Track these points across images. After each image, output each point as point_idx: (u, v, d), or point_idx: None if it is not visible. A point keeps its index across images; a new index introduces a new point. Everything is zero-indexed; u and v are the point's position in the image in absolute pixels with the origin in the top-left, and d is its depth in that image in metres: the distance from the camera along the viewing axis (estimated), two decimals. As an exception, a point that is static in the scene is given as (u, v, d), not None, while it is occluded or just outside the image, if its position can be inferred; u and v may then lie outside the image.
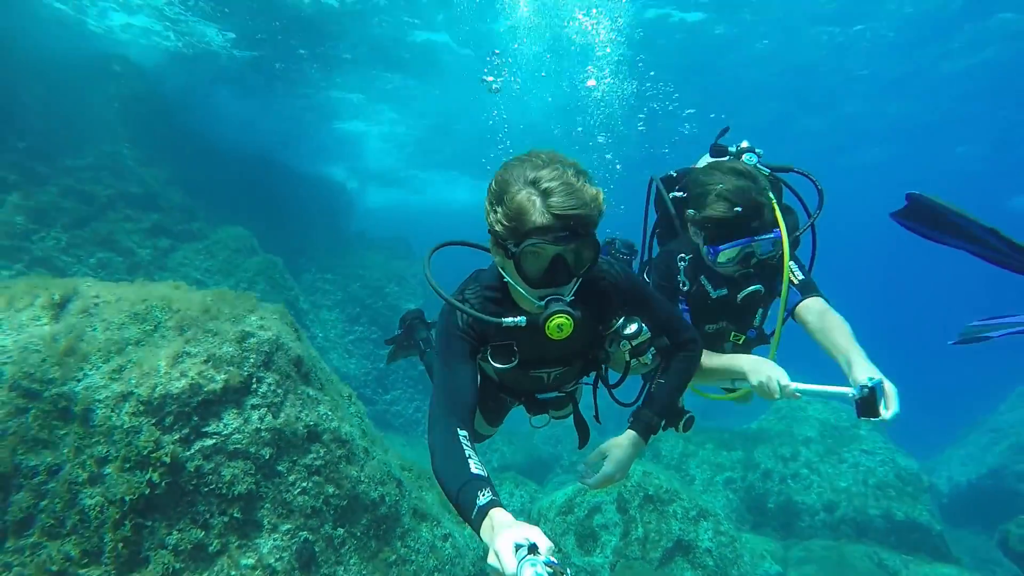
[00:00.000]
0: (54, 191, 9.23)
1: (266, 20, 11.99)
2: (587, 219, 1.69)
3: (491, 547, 1.28)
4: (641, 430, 2.14)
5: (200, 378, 3.39)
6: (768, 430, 10.27)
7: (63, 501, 3.11)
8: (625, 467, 2.11)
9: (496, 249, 1.82)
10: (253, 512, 3.44)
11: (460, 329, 1.93)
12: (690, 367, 2.24)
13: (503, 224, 1.71)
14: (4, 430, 3.20)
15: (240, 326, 3.68)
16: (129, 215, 10.02)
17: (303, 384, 3.88)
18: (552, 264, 1.72)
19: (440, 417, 1.74)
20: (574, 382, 2.34)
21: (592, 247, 1.75)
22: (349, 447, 3.97)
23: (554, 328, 1.70)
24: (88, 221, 9.43)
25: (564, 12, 11.09)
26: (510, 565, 1.19)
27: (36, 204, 8.94)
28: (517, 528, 1.28)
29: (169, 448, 3.21)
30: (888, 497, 8.58)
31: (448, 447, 1.64)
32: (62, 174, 9.48)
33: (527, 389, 2.31)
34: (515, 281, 1.79)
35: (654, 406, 2.17)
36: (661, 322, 2.16)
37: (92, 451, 3.19)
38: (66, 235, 9.06)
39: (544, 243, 1.66)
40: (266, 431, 3.52)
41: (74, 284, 3.94)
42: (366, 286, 14.53)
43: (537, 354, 2.04)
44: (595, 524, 6.44)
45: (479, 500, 1.45)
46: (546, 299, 1.74)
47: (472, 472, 1.54)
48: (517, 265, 1.73)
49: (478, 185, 26.62)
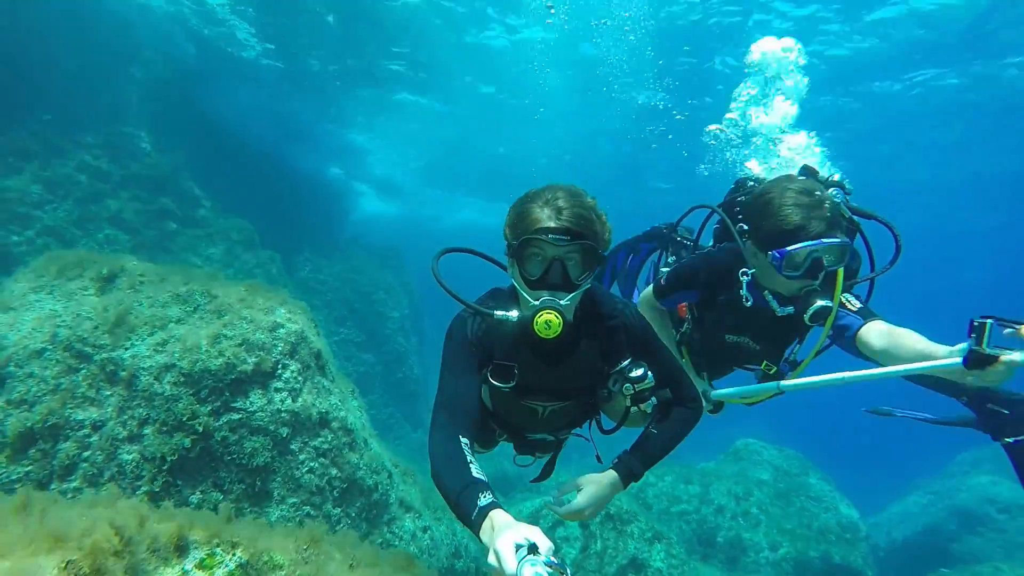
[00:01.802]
0: (71, 165, 9.53)
1: (302, 34, 12.56)
2: (587, 226, 1.76)
3: (491, 547, 1.30)
4: (623, 474, 2.07)
5: (234, 359, 3.83)
6: (725, 469, 10.86)
7: (104, 454, 3.51)
8: (597, 505, 2.04)
9: (508, 258, 1.91)
10: (266, 483, 3.86)
11: (470, 340, 1.96)
12: (686, 426, 2.18)
13: (511, 228, 1.84)
14: (57, 385, 3.61)
15: (272, 316, 4.14)
16: (139, 195, 10.32)
17: (319, 375, 4.34)
18: (550, 265, 1.77)
19: (442, 423, 1.77)
20: (567, 429, 2.34)
21: (591, 255, 1.80)
22: (352, 436, 4.41)
23: (542, 324, 1.73)
24: (101, 197, 9.72)
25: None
26: (510, 565, 1.21)
27: (53, 175, 9.23)
28: (517, 528, 1.31)
29: (203, 418, 3.64)
30: (828, 541, 9.18)
31: (449, 451, 1.66)
32: (81, 149, 9.79)
33: (519, 423, 2.28)
34: (518, 284, 1.85)
35: (640, 454, 2.10)
36: (665, 373, 2.12)
37: (134, 412, 3.60)
38: (78, 209, 9.34)
39: (543, 241, 1.75)
40: (285, 412, 3.97)
41: (121, 262, 4.37)
42: (356, 290, 14.92)
43: (536, 380, 2.03)
44: (557, 536, 6.90)
45: (480, 501, 1.47)
46: (541, 299, 1.79)
47: (473, 476, 1.57)
48: (520, 265, 1.82)
49: (485, 207, 27.15)
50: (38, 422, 3.45)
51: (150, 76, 11.55)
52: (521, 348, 1.96)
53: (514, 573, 1.19)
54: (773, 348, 2.72)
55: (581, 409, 2.24)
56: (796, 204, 2.28)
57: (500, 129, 17.78)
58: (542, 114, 15.88)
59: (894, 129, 16.05)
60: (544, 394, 2.09)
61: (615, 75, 13.42)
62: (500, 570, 1.23)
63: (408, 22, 12.35)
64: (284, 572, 1.90)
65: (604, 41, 12.29)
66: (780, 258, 2.32)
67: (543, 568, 1.18)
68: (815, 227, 2.26)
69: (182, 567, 1.74)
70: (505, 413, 2.25)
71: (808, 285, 2.36)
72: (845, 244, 2.30)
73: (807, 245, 2.26)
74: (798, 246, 2.27)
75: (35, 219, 8.86)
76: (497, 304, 1.97)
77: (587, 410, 2.26)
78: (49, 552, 1.32)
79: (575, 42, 12.71)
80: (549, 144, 18.31)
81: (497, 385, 1.96)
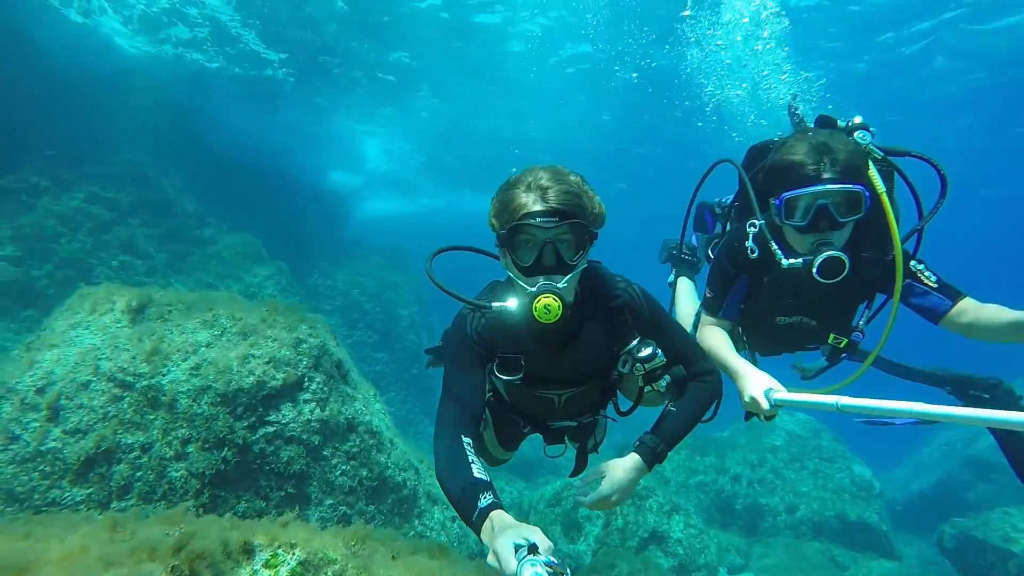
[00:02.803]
0: (81, 197, 9.81)
1: (311, 39, 12.70)
2: (575, 203, 1.74)
3: (491, 547, 1.31)
4: (646, 456, 1.99)
5: (264, 376, 4.12)
6: (739, 438, 11.13)
7: (154, 473, 3.82)
8: (624, 490, 1.97)
9: (499, 249, 1.89)
10: (304, 488, 4.17)
11: (470, 337, 1.94)
12: (706, 399, 2.10)
13: (497, 217, 1.81)
14: (106, 413, 3.91)
15: (294, 333, 4.41)
16: (147, 220, 10.61)
17: (343, 383, 4.62)
18: (543, 250, 1.74)
19: (446, 424, 1.79)
20: (589, 414, 2.27)
21: (583, 234, 1.78)
22: (379, 437, 4.71)
23: (541, 309, 1.70)
24: (111, 226, 10.01)
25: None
26: (510, 565, 1.22)
27: (64, 209, 9.52)
28: (517, 529, 1.32)
29: (240, 433, 3.94)
30: (843, 500, 9.46)
31: (451, 452, 1.68)
32: (87, 181, 10.06)
33: (537, 412, 2.25)
34: (512, 273, 1.83)
35: (663, 434, 2.02)
36: (676, 349, 2.06)
37: (177, 433, 3.90)
38: (91, 239, 9.64)
39: (532, 226, 1.72)
40: (315, 421, 4.26)
41: (148, 293, 4.65)
42: (365, 292, 15.23)
43: (545, 369, 2.00)
44: (579, 515, 7.22)
45: (480, 502, 1.49)
46: (538, 285, 1.76)
47: (474, 476, 1.58)
48: (511, 253, 1.79)
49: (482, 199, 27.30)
50: (92, 448, 3.76)
51: (143, 102, 11.79)
52: (525, 338, 1.93)
53: (514, 573, 1.19)
54: (834, 321, 2.48)
55: (598, 393, 2.20)
56: (805, 148, 2.11)
57: (499, 119, 17.89)
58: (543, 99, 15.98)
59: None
60: (556, 383, 2.06)
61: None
62: (500, 570, 1.24)
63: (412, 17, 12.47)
64: (337, 566, 2.17)
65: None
66: (779, 205, 2.16)
67: (542, 568, 1.18)
68: (818, 170, 2.07)
69: (252, 568, 2.02)
70: (523, 405, 2.22)
71: (822, 239, 2.14)
72: (855, 191, 2.07)
73: (808, 191, 2.08)
74: (798, 191, 2.10)
75: (52, 252, 9.17)
76: (496, 297, 1.94)
77: (605, 393, 2.23)
78: (151, 560, 1.59)
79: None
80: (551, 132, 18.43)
81: (506, 378, 1.95)
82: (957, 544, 7.78)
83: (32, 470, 3.73)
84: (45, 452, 3.78)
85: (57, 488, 3.72)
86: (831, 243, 2.14)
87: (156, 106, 12.08)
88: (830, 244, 2.14)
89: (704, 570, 7.03)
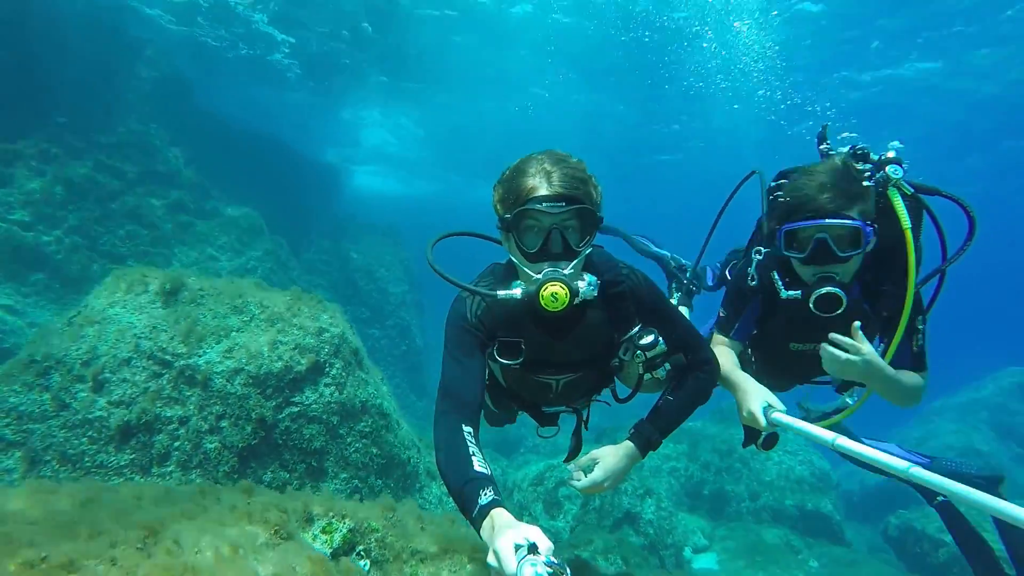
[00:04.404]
0: (90, 164, 10.01)
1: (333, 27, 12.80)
2: (581, 188, 1.74)
3: (491, 546, 1.32)
4: (640, 444, 2.02)
5: (291, 361, 4.56)
6: (710, 428, 11.84)
7: (191, 443, 4.26)
8: (616, 477, 2.00)
9: (502, 233, 1.87)
10: (322, 463, 4.64)
11: (468, 322, 1.92)
12: (704, 388, 2.11)
13: (502, 202, 1.81)
14: (147, 388, 4.33)
15: (317, 323, 4.84)
16: (154, 190, 10.84)
17: (359, 369, 5.08)
18: (549, 236, 1.73)
19: (445, 412, 1.78)
20: (585, 399, 2.30)
21: (589, 219, 1.78)
22: (388, 419, 5.19)
23: (548, 297, 1.69)
24: (118, 195, 10.24)
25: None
26: (510, 564, 1.22)
27: (73, 175, 9.72)
28: (517, 528, 1.32)
29: (269, 412, 4.39)
30: (802, 490, 10.21)
31: (452, 444, 1.68)
32: (96, 149, 10.24)
33: (534, 398, 2.26)
34: (517, 259, 1.82)
35: (658, 422, 2.05)
36: (678, 337, 2.06)
37: (212, 409, 4.34)
38: (99, 207, 9.88)
39: (538, 211, 1.71)
40: (334, 403, 4.71)
41: (180, 276, 5.02)
42: (359, 268, 15.60)
43: (545, 354, 2.00)
44: (560, 495, 7.82)
45: (480, 499, 1.49)
46: (544, 272, 1.75)
47: (475, 471, 1.58)
48: (517, 239, 1.78)
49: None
50: (136, 418, 4.19)
51: (153, 73, 11.88)
52: (525, 323, 1.93)
53: (514, 573, 1.20)
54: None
55: (595, 379, 2.19)
56: (810, 183, 2.09)
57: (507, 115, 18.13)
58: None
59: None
60: (554, 367, 2.05)
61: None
62: (500, 570, 1.25)
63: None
64: (379, 533, 2.64)
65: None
66: (780, 236, 2.17)
67: (543, 568, 1.18)
68: (821, 203, 2.05)
69: (313, 532, 2.51)
70: (519, 389, 2.23)
71: (823, 272, 2.14)
72: (854, 227, 2.05)
73: (806, 224, 2.08)
74: (796, 224, 2.11)
75: (61, 219, 9.41)
76: (496, 280, 1.96)
77: (602, 379, 2.22)
78: (249, 524, 2.06)
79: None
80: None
81: (505, 363, 1.95)
82: (899, 533, 8.55)
83: (81, 435, 4.15)
84: (92, 420, 4.19)
85: (103, 453, 4.15)
86: (832, 276, 2.15)
87: (164, 78, 12.17)
88: (831, 278, 2.14)
89: (671, 549, 7.69)
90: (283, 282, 11.37)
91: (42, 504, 2.03)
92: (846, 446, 1.61)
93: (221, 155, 13.18)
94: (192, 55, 13.66)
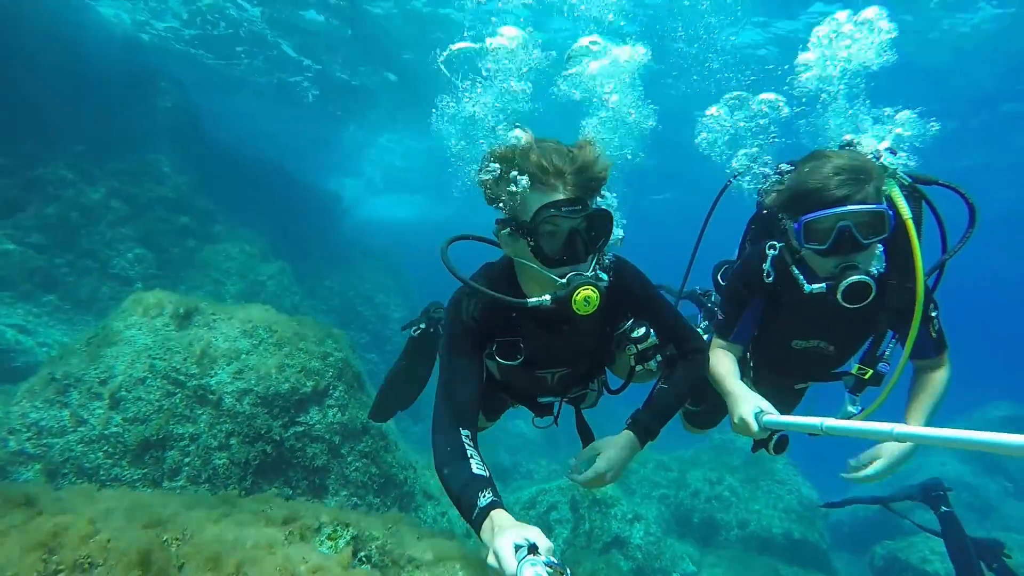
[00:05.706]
0: (103, 190, 10.40)
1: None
2: (596, 185, 1.71)
3: (491, 547, 1.31)
4: (639, 433, 2.00)
5: (297, 383, 4.85)
6: (701, 457, 12.03)
7: (201, 459, 4.52)
8: (618, 467, 1.97)
9: (507, 236, 1.81)
10: (324, 480, 4.89)
11: (467, 321, 1.90)
12: (695, 375, 2.12)
13: (514, 206, 1.74)
14: (160, 406, 4.60)
15: (323, 347, 5.15)
16: (163, 216, 11.21)
17: (360, 392, 5.36)
18: (569, 239, 1.70)
19: (444, 415, 1.76)
20: (578, 388, 2.28)
21: (604, 217, 1.74)
22: (387, 440, 5.45)
23: (581, 302, 1.65)
24: (129, 220, 10.61)
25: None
26: (510, 565, 1.22)
27: (88, 201, 10.10)
28: (517, 529, 1.32)
29: (276, 431, 4.66)
30: (790, 520, 10.38)
31: (451, 447, 1.67)
32: (109, 176, 10.64)
33: (529, 391, 2.26)
34: (531, 263, 1.75)
35: (654, 411, 2.03)
36: (668, 328, 2.07)
37: (221, 427, 4.61)
38: (110, 231, 10.23)
39: (558, 216, 1.66)
40: (336, 424, 4.99)
41: (194, 302, 5.34)
42: (359, 294, 15.92)
43: (543, 352, 1.99)
44: (551, 519, 8.01)
45: (480, 501, 1.48)
46: (567, 276, 1.70)
47: (473, 473, 1.57)
48: (534, 245, 1.71)
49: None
50: (152, 435, 4.45)
51: (168, 104, 12.39)
52: (523, 323, 1.92)
53: (514, 573, 1.20)
54: (853, 349, 2.40)
55: (588, 370, 2.22)
56: (826, 170, 1.99)
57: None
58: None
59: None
60: (552, 364, 2.07)
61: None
62: (500, 570, 1.24)
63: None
64: (380, 541, 2.92)
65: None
66: (799, 228, 2.05)
67: (543, 568, 1.18)
68: (841, 191, 1.96)
69: (320, 538, 2.78)
70: (516, 384, 2.23)
71: (845, 261, 2.05)
72: (878, 211, 1.97)
73: (829, 213, 1.97)
74: (818, 214, 2.00)
75: (74, 243, 9.74)
76: (493, 281, 1.92)
77: (594, 369, 2.25)
78: (277, 528, 2.34)
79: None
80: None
81: (505, 363, 1.95)
82: (884, 563, 8.73)
83: (98, 450, 4.41)
84: (108, 435, 4.46)
85: (118, 467, 4.40)
86: (856, 266, 2.05)
87: (176, 107, 12.67)
88: (855, 267, 2.04)
89: (659, 574, 7.86)
90: (285, 306, 11.67)
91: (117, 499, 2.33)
92: (835, 426, 1.61)
93: (228, 182, 13.61)
94: (206, 84, 14.20)
